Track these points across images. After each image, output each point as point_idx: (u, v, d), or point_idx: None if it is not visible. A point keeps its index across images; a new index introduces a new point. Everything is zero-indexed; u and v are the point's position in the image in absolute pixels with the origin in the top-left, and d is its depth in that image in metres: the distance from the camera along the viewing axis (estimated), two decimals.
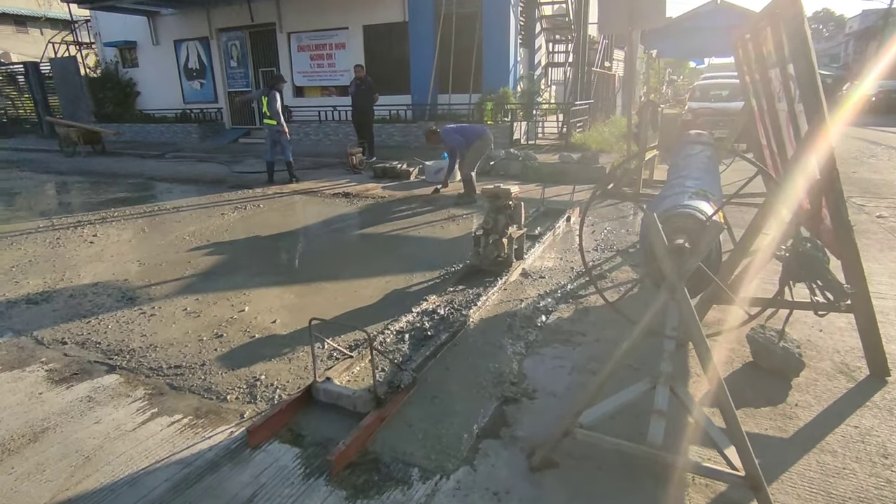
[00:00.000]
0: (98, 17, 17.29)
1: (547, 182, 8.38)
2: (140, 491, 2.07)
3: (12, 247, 5.47)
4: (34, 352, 3.22)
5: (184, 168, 11.10)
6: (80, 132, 13.53)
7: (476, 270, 4.34)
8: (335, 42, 13.87)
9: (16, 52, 28.84)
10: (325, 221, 6.40)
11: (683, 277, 1.60)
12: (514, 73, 12.16)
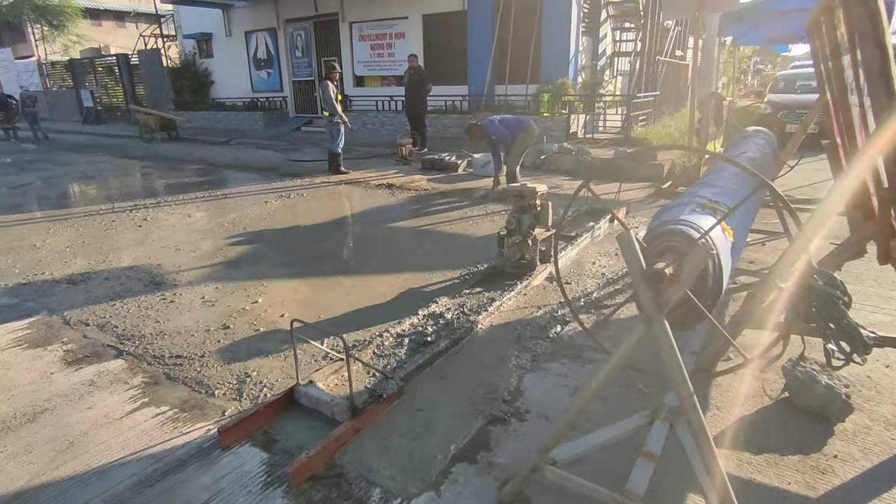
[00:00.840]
0: (180, 11, 18.33)
1: (600, 178, 7.93)
2: (106, 484, 2.07)
3: (73, 227, 5.86)
4: (59, 332, 3.38)
5: (244, 155, 11.53)
6: (157, 119, 14.44)
7: (498, 272, 4.13)
8: (395, 32, 13.86)
9: (115, 45, 31.30)
10: (361, 213, 6.38)
11: (663, 308, 1.34)
12: (575, 63, 11.61)
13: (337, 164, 8.95)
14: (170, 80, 18.33)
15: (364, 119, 13.94)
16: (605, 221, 5.35)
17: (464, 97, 12.28)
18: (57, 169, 10.22)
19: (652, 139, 9.92)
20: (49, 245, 5.20)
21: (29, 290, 4.07)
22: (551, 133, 10.65)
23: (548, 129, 10.67)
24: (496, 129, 6.50)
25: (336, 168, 8.94)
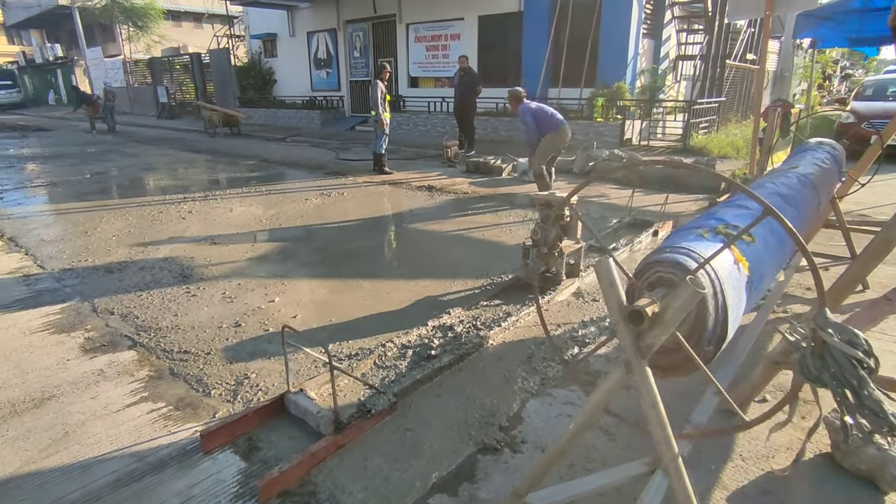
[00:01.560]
0: (248, 12, 19.15)
1: (650, 188, 7.50)
2: (86, 479, 2.08)
3: (124, 217, 6.17)
4: (85, 319, 3.51)
5: (296, 152, 11.83)
6: (220, 115, 15.12)
7: (521, 285, 3.93)
8: (450, 33, 13.81)
9: (193, 44, 33.19)
10: (396, 215, 6.33)
11: (644, 354, 1.14)
12: (633, 66, 11.10)
13: (380, 164, 8.97)
14: (237, 78, 19.17)
15: (416, 120, 13.99)
16: (647, 234, 5.01)
17: None
18: (125, 160, 10.88)
19: (712, 148, 9.31)
20: (99, 233, 5.48)
21: (70, 275, 4.28)
22: (604, 139, 10.23)
23: (600, 134, 10.27)
24: (525, 118, 6.17)
25: (380, 168, 8.96)
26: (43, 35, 36.51)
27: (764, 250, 1.59)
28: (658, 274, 1.35)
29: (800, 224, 2.05)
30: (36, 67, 34.30)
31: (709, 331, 1.27)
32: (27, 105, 32.67)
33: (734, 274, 1.36)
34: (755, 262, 1.48)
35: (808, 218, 2.21)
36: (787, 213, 1.94)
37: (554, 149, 6.24)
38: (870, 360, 1.08)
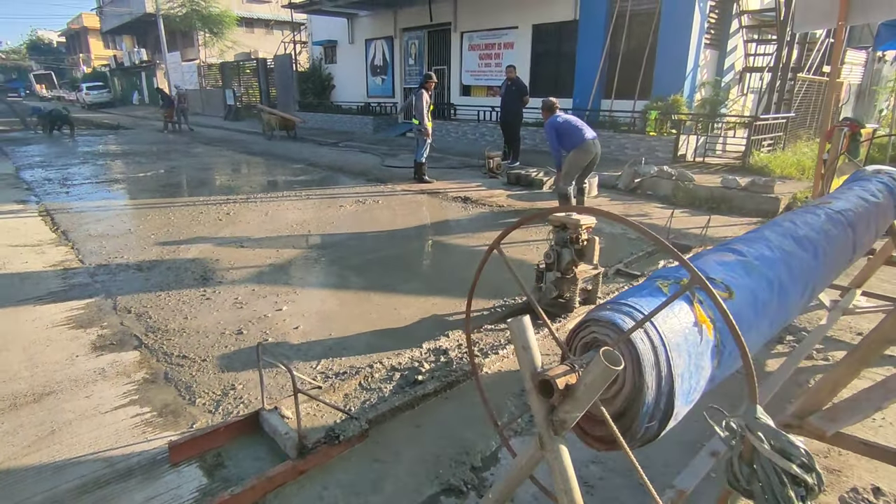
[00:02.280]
0: (312, 20, 19.85)
1: (699, 208, 7.06)
2: (56, 481, 2.12)
3: (166, 215, 6.47)
4: (103, 316, 3.66)
5: (344, 157, 12.07)
6: (277, 119, 15.70)
7: (533, 309, 3.73)
8: (504, 41, 13.69)
9: (263, 50, 34.92)
10: (424, 226, 6.27)
11: (558, 430, 0.98)
12: (693, 78, 10.53)
13: (421, 172, 8.97)
14: (298, 83, 19.91)
15: (465, 129, 13.94)
16: None
17: (566, 111, 11.71)
18: (184, 160, 11.49)
19: (774, 168, 8.64)
20: (140, 230, 5.76)
21: (103, 272, 4.50)
22: (656, 154, 9.76)
23: (652, 149, 9.81)
24: (548, 133, 5.92)
25: (419, 177, 8.95)
26: (133, 40, 39.51)
27: (749, 306, 1.37)
28: (593, 334, 1.18)
29: (817, 269, 1.78)
30: (124, 70, 37.16)
31: (647, 406, 1.09)
32: (115, 104, 35.45)
33: (691, 338, 1.17)
34: (756, 312, 1.28)
35: (833, 261, 1.93)
36: (797, 258, 1.69)
37: (578, 167, 5.96)
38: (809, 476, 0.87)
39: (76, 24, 49.38)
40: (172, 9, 26.57)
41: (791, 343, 3.36)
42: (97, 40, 45.65)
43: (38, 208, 6.79)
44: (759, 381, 2.70)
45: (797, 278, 1.63)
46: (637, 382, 1.08)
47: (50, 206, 6.87)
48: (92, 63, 45.73)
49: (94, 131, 18.23)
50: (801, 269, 1.66)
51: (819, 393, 1.85)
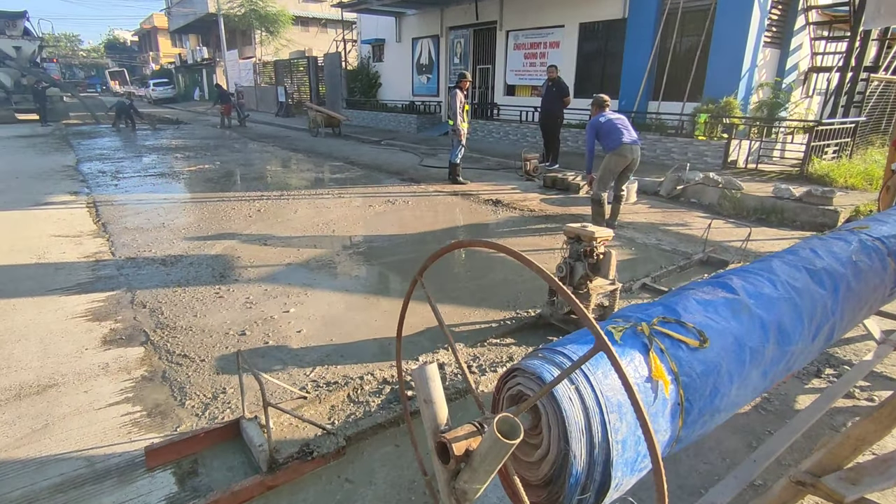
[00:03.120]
0: (361, 19, 20.10)
1: (747, 219, 6.60)
2: (36, 477, 2.16)
3: (201, 210, 6.66)
4: (120, 309, 3.76)
5: (383, 156, 12.12)
6: (323, 116, 15.99)
7: (544, 324, 3.56)
8: (550, 40, 13.35)
9: (317, 48, 35.80)
10: (450, 229, 6.15)
11: (460, 500, 0.84)
12: (749, 79, 9.88)
13: (455, 173, 8.85)
14: (346, 81, 20.22)
15: (507, 129, 13.71)
16: None
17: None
18: (230, 155, 11.87)
19: (837, 177, 7.97)
20: (173, 224, 5.95)
21: (130, 265, 4.65)
22: (704, 159, 9.24)
23: (700, 154, 9.29)
24: (588, 131, 5.66)
25: (454, 178, 8.84)
26: (198, 39, 41.42)
27: (731, 354, 1.17)
28: (519, 386, 1.03)
29: (835, 308, 1.54)
30: (187, 67, 39.01)
31: (576, 476, 0.93)
32: (178, 100, 37.32)
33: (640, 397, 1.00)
34: (704, 374, 1.09)
35: (861, 298, 1.67)
36: (809, 295, 1.46)
37: (612, 173, 5.66)
38: None
39: (148, 23, 52.33)
40: (232, 8, 27.62)
41: (829, 378, 3.02)
42: (165, 39, 48.20)
43: (86, 200, 7.16)
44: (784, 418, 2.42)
45: (806, 320, 1.41)
46: (563, 448, 0.92)
47: (98, 198, 7.23)
48: (160, 60, 48.35)
49: (155, 125, 19.18)
50: (812, 310, 1.43)
51: (841, 448, 1.61)
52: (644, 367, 1.03)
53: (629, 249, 5.33)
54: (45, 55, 20.93)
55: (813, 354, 1.53)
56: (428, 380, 0.91)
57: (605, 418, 0.94)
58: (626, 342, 1.06)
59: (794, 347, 1.37)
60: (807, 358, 1.47)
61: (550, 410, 0.94)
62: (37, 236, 5.43)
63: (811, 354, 1.50)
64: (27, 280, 4.25)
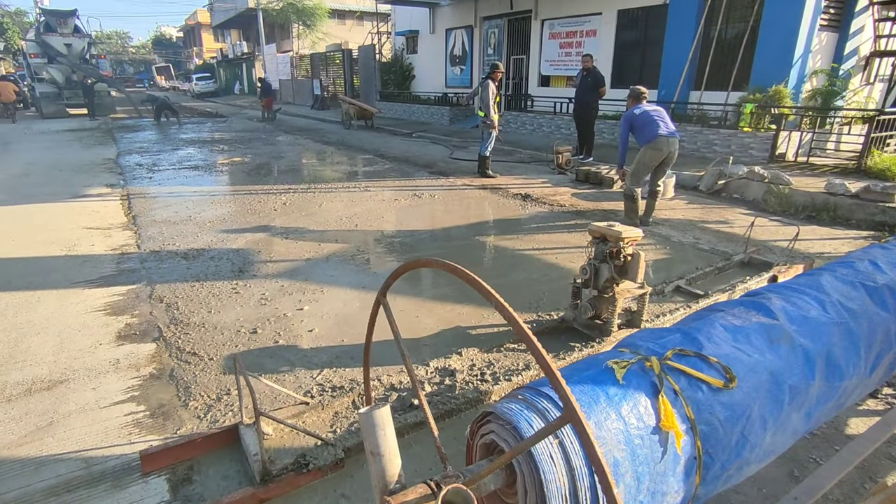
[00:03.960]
0: (396, 10, 19.99)
1: (796, 217, 6.16)
2: (34, 478, 2.13)
3: (228, 204, 6.70)
4: (137, 304, 3.76)
5: (413, 148, 11.99)
6: (356, 109, 16.00)
7: (566, 328, 3.35)
8: (586, 29, 12.89)
9: (353, 41, 35.98)
10: (475, 224, 5.96)
11: None
12: (802, 66, 9.23)
13: (484, 166, 8.64)
14: (380, 73, 20.19)
15: (540, 121, 13.36)
16: (757, 280, 4.01)
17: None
18: (263, 148, 12.00)
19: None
20: (200, 218, 5.99)
21: (153, 258, 4.68)
22: (749, 152, 8.71)
23: (745, 146, 8.76)
24: (622, 124, 5.40)
25: (483, 171, 8.64)
26: (239, 34, 42.31)
27: (765, 395, 0.97)
28: (492, 434, 0.86)
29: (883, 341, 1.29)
30: (228, 62, 39.93)
31: None
32: (219, 94, 38.26)
33: (643, 453, 0.80)
34: (729, 421, 0.89)
35: None
36: (868, 318, 1.22)
37: (646, 167, 5.35)
38: None
39: (192, 19, 53.78)
40: (271, 2, 28.00)
41: (889, 399, 2.71)
42: (208, 34, 49.44)
43: (121, 192, 7.32)
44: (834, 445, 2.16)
45: (863, 349, 1.18)
46: None
47: (131, 191, 7.38)
48: (203, 56, 49.69)
49: (192, 120, 19.67)
50: (871, 336, 1.20)
51: None
52: (651, 414, 0.84)
53: (663, 248, 5.03)
54: (94, 52, 21.70)
55: (871, 388, 1.29)
56: (376, 427, 0.76)
57: (597, 479, 0.76)
58: (631, 382, 0.87)
59: (847, 383, 1.15)
60: (863, 392, 1.25)
61: (527, 470, 0.77)
62: (70, 228, 5.56)
63: (868, 388, 1.27)
64: (54, 272, 4.32)
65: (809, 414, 1.08)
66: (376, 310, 1.28)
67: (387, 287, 1.21)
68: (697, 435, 0.86)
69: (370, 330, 1.33)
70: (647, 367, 0.90)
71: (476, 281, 0.77)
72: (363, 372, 1.36)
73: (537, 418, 0.81)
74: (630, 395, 0.85)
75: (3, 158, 10.36)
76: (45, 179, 8.21)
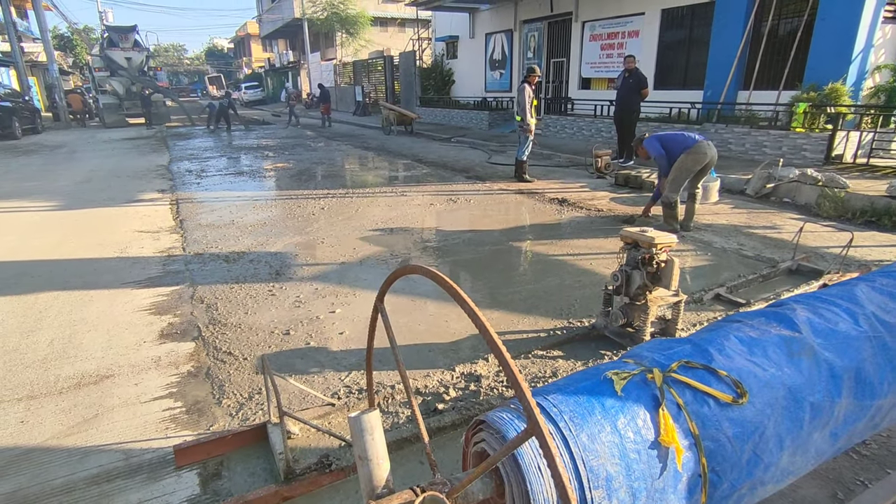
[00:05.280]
0: (436, 16, 20.17)
1: (853, 222, 5.81)
2: (78, 467, 2.25)
3: (269, 209, 6.92)
4: (180, 304, 3.94)
5: (452, 153, 12.05)
6: (396, 114, 16.22)
7: (597, 336, 3.28)
8: (629, 30, 12.62)
9: (395, 48, 36.54)
10: (510, 229, 5.92)
11: None
12: (862, 62, 8.72)
13: (521, 171, 8.59)
14: (420, 79, 20.42)
15: (580, 124, 13.16)
16: (808, 289, 3.81)
17: (693, 104, 10.44)
18: (305, 154, 12.33)
19: None
20: (242, 222, 6.21)
21: (196, 261, 4.89)
22: (803, 153, 8.29)
23: (798, 148, 8.35)
24: (652, 146, 5.30)
25: (520, 175, 8.58)
26: (286, 43, 43.77)
27: (782, 412, 0.91)
28: (483, 443, 0.84)
29: None
30: (275, 70, 41.35)
31: None
32: (266, 102, 39.63)
33: (639, 468, 0.77)
34: (738, 438, 0.85)
35: None
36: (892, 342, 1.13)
37: (688, 172, 5.18)
38: None
39: (242, 31, 56.03)
40: (315, 12, 28.83)
41: None
42: (257, 44, 51.36)
43: (171, 197, 7.69)
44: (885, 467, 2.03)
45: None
46: None
47: (180, 196, 7.74)
48: (252, 65, 51.65)
49: (239, 128, 20.44)
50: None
51: None
52: (650, 428, 0.81)
53: (704, 254, 4.84)
54: (151, 64, 22.95)
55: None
56: (364, 432, 0.76)
57: (588, 497, 0.74)
58: (630, 394, 0.84)
59: (882, 402, 1.07)
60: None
61: (514, 481, 0.75)
62: (123, 231, 5.88)
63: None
64: (107, 273, 4.58)
65: (836, 434, 1.01)
66: (375, 315, 1.29)
67: (383, 293, 1.23)
68: (702, 451, 0.82)
69: (371, 335, 1.34)
70: (648, 379, 0.86)
71: (454, 289, 0.77)
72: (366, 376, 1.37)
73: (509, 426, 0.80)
74: (628, 407, 0.82)
75: (70, 166, 11.08)
76: (103, 185, 8.72)
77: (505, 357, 0.66)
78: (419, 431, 2.29)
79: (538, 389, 0.91)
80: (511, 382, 0.61)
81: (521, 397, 0.60)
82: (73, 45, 42.07)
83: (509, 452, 0.65)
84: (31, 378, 2.96)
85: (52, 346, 3.31)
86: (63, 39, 40.97)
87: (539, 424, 0.56)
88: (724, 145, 9.36)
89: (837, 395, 0.99)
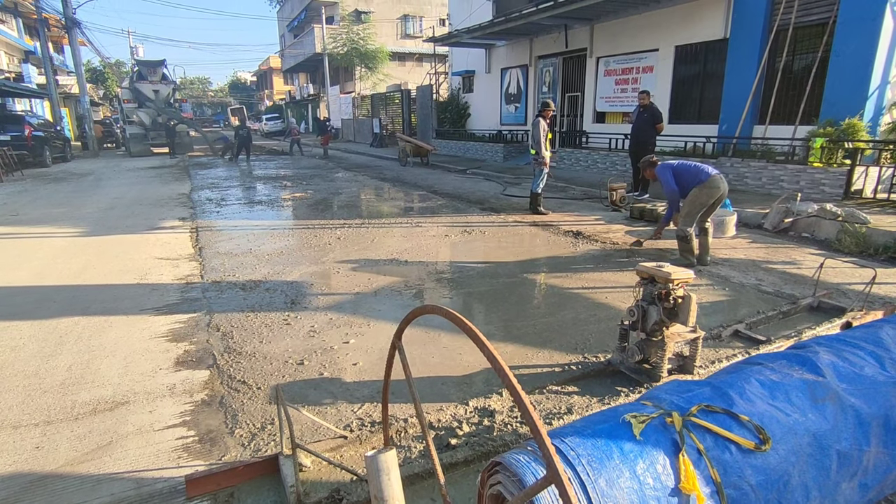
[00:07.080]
0: (453, 52, 20.71)
1: (875, 258, 5.69)
2: (89, 496, 2.25)
3: (286, 238, 7.02)
4: (196, 332, 3.98)
5: (467, 185, 12.17)
6: (412, 146, 16.50)
7: (613, 372, 3.23)
8: (643, 65, 12.81)
9: (412, 82, 37.48)
10: (523, 261, 5.91)
11: None
12: (879, 97, 8.71)
13: (536, 203, 8.63)
14: (436, 112, 20.83)
15: (595, 157, 13.24)
16: (828, 327, 3.72)
17: (709, 138, 10.47)
18: (322, 184, 12.56)
19: None
20: (259, 251, 6.30)
21: (213, 289, 4.95)
22: (821, 188, 8.22)
23: (816, 182, 8.29)
24: (663, 176, 5.31)
25: (535, 208, 8.62)
26: (307, 77, 45.16)
27: (807, 460, 0.89)
28: (499, 485, 0.83)
29: None
30: (296, 103, 42.56)
31: None
32: (286, 133, 40.66)
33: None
34: (762, 487, 0.83)
35: None
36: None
37: (701, 206, 5.18)
38: None
39: (265, 65, 58.04)
40: (336, 48, 29.80)
41: None
42: (279, 78, 53.08)
43: (191, 225, 7.85)
44: None
45: None
46: None
47: (200, 224, 7.90)
48: (273, 97, 53.26)
49: (260, 158, 20.94)
50: None
51: None
52: (670, 474, 0.79)
53: (722, 290, 4.78)
54: (177, 96, 23.80)
55: None
56: (380, 472, 0.76)
57: None
58: (649, 438, 0.83)
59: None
60: None
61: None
62: (143, 258, 6.00)
63: None
64: (126, 299, 4.66)
65: (866, 485, 0.97)
66: (392, 353, 1.30)
67: (401, 331, 1.24)
68: (724, 500, 0.79)
69: (388, 371, 1.34)
70: (668, 423, 0.85)
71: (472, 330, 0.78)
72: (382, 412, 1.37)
73: (544, 472, 0.78)
74: (647, 452, 0.80)
75: (96, 193, 11.42)
76: (126, 213, 8.95)
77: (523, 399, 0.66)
78: (432, 467, 2.25)
79: (555, 431, 0.90)
80: (531, 429, 0.61)
81: (540, 444, 0.60)
82: (105, 78, 43.90)
83: (527, 499, 0.64)
84: (48, 403, 2.99)
85: (70, 372, 3.35)
86: (95, 73, 42.82)
87: (559, 473, 0.56)
88: (740, 179, 9.33)
89: (866, 444, 0.97)
